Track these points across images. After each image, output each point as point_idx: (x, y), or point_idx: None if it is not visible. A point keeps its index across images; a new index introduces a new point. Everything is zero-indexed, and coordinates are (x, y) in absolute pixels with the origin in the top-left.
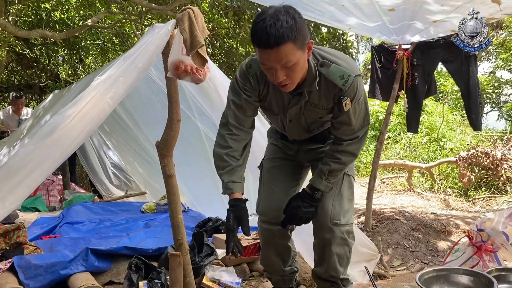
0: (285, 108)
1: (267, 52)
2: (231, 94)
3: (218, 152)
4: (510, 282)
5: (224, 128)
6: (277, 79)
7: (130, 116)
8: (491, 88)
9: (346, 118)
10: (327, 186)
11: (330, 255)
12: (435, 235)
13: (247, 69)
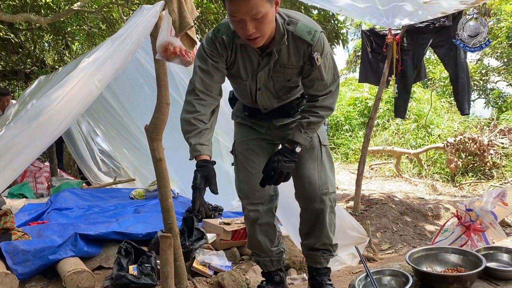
0: (254, 72)
1: (237, 2)
2: (198, 61)
3: (185, 117)
4: (498, 260)
5: (191, 94)
6: (247, 31)
7: (118, 101)
8: (478, 75)
9: (318, 73)
10: (306, 139)
11: (323, 224)
12: (423, 219)
13: (214, 34)
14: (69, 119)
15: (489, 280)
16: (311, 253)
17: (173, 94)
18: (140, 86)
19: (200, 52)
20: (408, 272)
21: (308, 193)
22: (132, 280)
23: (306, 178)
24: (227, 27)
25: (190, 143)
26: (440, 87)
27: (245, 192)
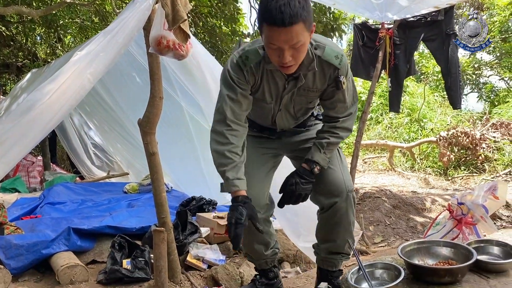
0: (279, 95)
1: (279, 31)
2: (225, 89)
3: (218, 149)
4: (489, 253)
5: (222, 125)
6: (284, 59)
7: (111, 95)
8: (471, 69)
9: (341, 96)
10: (324, 159)
11: (348, 223)
12: (415, 212)
13: (242, 61)
14: (61, 113)
15: (480, 272)
16: (330, 257)
17: (167, 88)
18: (133, 80)
19: (227, 80)
20: (400, 265)
21: (333, 190)
22: (125, 274)
23: (330, 176)
24: (256, 54)
25: (227, 177)
26: (433, 81)
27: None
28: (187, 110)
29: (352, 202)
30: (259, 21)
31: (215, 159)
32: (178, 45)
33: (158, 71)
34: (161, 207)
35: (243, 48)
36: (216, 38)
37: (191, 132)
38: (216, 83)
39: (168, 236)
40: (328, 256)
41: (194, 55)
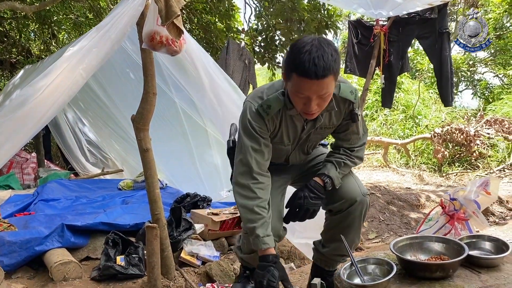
0: (297, 137)
1: (311, 82)
2: (248, 140)
3: (245, 204)
4: (481, 249)
5: (248, 177)
6: (310, 108)
7: (105, 91)
8: (465, 66)
9: (355, 128)
10: (338, 178)
11: (359, 226)
12: (409, 208)
13: (264, 110)
14: (54, 108)
15: (472, 267)
16: (332, 257)
17: (160, 84)
18: (126, 76)
19: (248, 130)
20: (393, 261)
21: (348, 196)
22: (119, 270)
23: (345, 184)
24: (278, 101)
25: (257, 234)
26: (428, 78)
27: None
28: (181, 106)
29: (367, 206)
30: (288, 69)
31: (243, 214)
32: (172, 40)
33: (151, 67)
34: (155, 203)
35: (260, 96)
36: (211, 35)
37: (185, 128)
38: (210, 79)
39: (162, 233)
40: (331, 256)
41: (188, 51)
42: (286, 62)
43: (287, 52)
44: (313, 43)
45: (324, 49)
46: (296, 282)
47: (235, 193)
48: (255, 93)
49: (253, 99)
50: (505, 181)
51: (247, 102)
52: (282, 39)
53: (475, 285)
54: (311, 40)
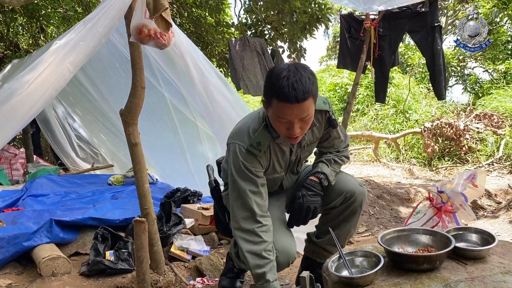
0: (287, 161)
1: (291, 107)
2: (244, 184)
3: (252, 250)
4: (467, 241)
5: (251, 222)
6: (294, 133)
7: (94, 86)
8: (456, 61)
9: (336, 133)
10: (332, 174)
11: (358, 216)
12: (399, 202)
13: (255, 148)
14: (41, 102)
15: (458, 259)
16: (326, 248)
17: (149, 78)
18: (115, 70)
19: (244, 173)
20: (380, 253)
21: (347, 189)
22: (109, 265)
23: (341, 180)
24: (265, 136)
25: (267, 280)
26: (418, 72)
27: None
28: (171, 101)
29: (366, 196)
30: (268, 95)
31: (250, 260)
32: (160, 34)
33: (139, 61)
34: (144, 198)
35: (246, 134)
36: (201, 29)
37: (175, 123)
38: (199, 73)
39: (152, 227)
40: (325, 246)
41: (177, 44)
42: (265, 89)
43: (265, 80)
44: (289, 69)
45: (301, 73)
46: (286, 275)
47: (239, 239)
48: (239, 132)
49: (239, 139)
50: (494, 175)
51: (234, 144)
52: (272, 33)
53: (462, 276)
54: (287, 66)
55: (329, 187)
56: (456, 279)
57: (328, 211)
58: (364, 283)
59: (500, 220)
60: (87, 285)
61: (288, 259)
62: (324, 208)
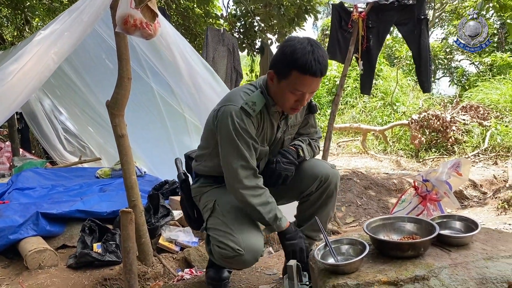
0: (273, 136)
1: (312, 80)
2: (240, 142)
3: (262, 202)
4: (451, 228)
5: (253, 179)
6: (303, 103)
7: (81, 77)
8: (443, 54)
9: (313, 121)
10: (307, 150)
11: (335, 198)
12: (386, 193)
13: (250, 107)
14: (25, 93)
15: (442, 246)
16: (310, 235)
17: (136, 69)
18: (102, 61)
19: (239, 132)
20: (366, 241)
21: (319, 171)
22: (96, 257)
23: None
24: (261, 99)
25: (279, 218)
26: (406, 65)
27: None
28: (158, 92)
29: (339, 178)
30: (287, 67)
31: (262, 210)
32: (146, 24)
33: (126, 51)
34: (131, 190)
35: (240, 96)
36: (189, 21)
37: (163, 114)
38: (186, 64)
39: (139, 219)
40: (307, 233)
41: (163, 35)
42: (283, 61)
43: (279, 51)
44: (311, 44)
45: (322, 50)
46: (274, 265)
47: (249, 198)
48: (230, 97)
49: (233, 101)
50: (479, 166)
51: (226, 107)
52: (261, 25)
53: (445, 262)
54: (308, 41)
55: (303, 170)
56: (440, 265)
57: (306, 198)
58: (349, 270)
59: (485, 209)
60: (74, 277)
61: (255, 255)
62: (301, 196)
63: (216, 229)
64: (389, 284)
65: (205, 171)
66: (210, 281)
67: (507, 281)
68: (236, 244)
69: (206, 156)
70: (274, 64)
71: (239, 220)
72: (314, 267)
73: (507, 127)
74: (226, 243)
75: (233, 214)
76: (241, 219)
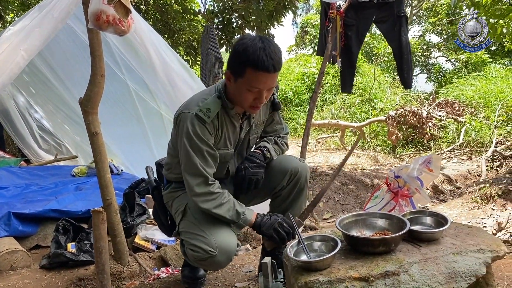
0: (237, 138)
1: (266, 76)
2: (192, 150)
3: (216, 205)
4: (422, 223)
5: (205, 186)
6: (261, 101)
7: (55, 74)
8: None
9: (278, 118)
10: (273, 150)
11: (306, 191)
12: (363, 189)
13: (204, 114)
14: None
15: (413, 242)
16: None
17: (111, 65)
18: (76, 58)
19: (192, 139)
20: (339, 238)
21: (288, 165)
22: (70, 257)
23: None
24: (216, 104)
25: (241, 212)
26: (384, 62)
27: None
28: (134, 89)
29: (308, 171)
30: (240, 66)
31: (219, 212)
32: (119, 20)
33: (99, 48)
34: (106, 188)
35: (195, 104)
36: (167, 16)
37: (139, 112)
38: (161, 60)
39: (114, 218)
40: None
41: (137, 31)
42: (236, 60)
43: (232, 51)
44: (262, 41)
45: (274, 45)
46: (250, 262)
47: (201, 203)
48: (189, 103)
49: (189, 108)
50: (455, 161)
51: (183, 114)
52: (239, 21)
53: (416, 258)
54: (259, 38)
55: (272, 167)
56: (410, 260)
57: (278, 194)
58: (322, 266)
59: (459, 204)
60: (47, 278)
61: (228, 256)
62: (273, 192)
63: (188, 232)
64: (360, 280)
65: (176, 178)
66: (186, 279)
67: (475, 275)
68: (208, 246)
69: (175, 164)
70: (229, 64)
71: (210, 221)
72: (287, 264)
73: (481, 122)
74: (198, 245)
75: (203, 216)
76: (212, 221)
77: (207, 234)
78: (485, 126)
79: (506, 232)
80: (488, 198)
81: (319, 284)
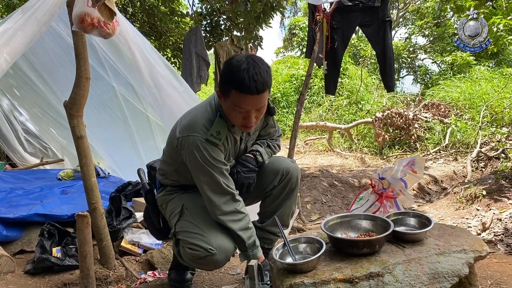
0: (237, 150)
1: (251, 98)
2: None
3: (242, 226)
4: (406, 224)
5: (232, 203)
6: (251, 122)
7: (40, 77)
8: (406, 53)
9: (272, 122)
10: (265, 153)
11: (297, 192)
12: (351, 190)
13: (215, 138)
14: None
15: (397, 243)
16: (272, 230)
17: (96, 68)
18: (61, 60)
19: (209, 161)
20: (324, 239)
21: (280, 166)
22: (55, 262)
23: (273, 161)
24: (223, 125)
25: (256, 245)
26: (371, 64)
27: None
28: (120, 91)
29: (299, 171)
30: (226, 86)
31: (243, 235)
32: (104, 22)
33: (84, 51)
34: (91, 192)
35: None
36: (154, 18)
37: (125, 114)
38: (146, 63)
39: (100, 222)
40: (270, 229)
41: (122, 33)
42: (223, 80)
43: (223, 71)
44: (248, 61)
45: (259, 66)
46: (237, 265)
47: (227, 222)
48: (192, 125)
49: (195, 132)
50: (440, 162)
51: (190, 137)
52: (227, 23)
53: (400, 259)
54: (245, 59)
55: (264, 168)
56: (394, 261)
57: (269, 193)
58: (307, 268)
59: (445, 204)
60: (32, 283)
61: (227, 255)
62: (264, 192)
63: (186, 231)
64: (344, 282)
65: (172, 183)
66: (173, 283)
67: (458, 275)
68: (208, 244)
69: (172, 172)
70: (219, 84)
71: (208, 222)
72: (273, 266)
73: (466, 124)
74: (197, 243)
75: (202, 216)
76: (210, 222)
77: (207, 234)
78: (470, 127)
79: (490, 232)
80: (473, 198)
81: (304, 286)
